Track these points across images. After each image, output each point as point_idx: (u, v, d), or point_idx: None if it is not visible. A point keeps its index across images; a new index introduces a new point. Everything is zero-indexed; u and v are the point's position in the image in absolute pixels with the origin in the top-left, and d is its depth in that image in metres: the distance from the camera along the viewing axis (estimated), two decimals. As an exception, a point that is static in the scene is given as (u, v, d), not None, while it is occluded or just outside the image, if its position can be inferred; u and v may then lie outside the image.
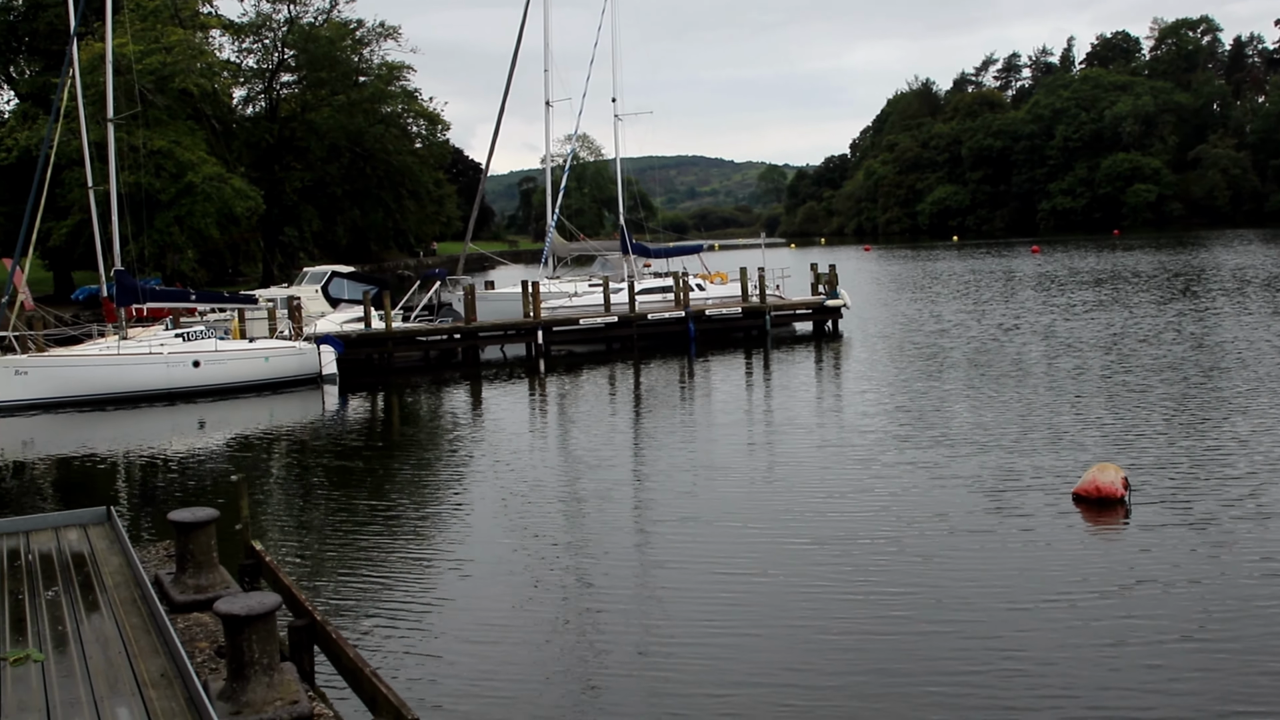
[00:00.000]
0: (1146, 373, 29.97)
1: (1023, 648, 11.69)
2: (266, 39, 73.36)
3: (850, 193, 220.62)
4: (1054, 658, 11.38)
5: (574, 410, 29.87)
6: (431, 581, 14.90)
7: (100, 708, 7.95)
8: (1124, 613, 12.58)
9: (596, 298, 43.85)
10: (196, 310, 39.34)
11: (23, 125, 50.71)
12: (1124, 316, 44.62)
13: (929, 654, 11.64)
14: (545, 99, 51.21)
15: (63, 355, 33.11)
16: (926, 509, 17.18)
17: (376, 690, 8.05)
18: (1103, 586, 13.42)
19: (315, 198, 74.25)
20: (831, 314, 45.60)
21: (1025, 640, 11.90)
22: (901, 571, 14.23)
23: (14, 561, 11.69)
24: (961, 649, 11.75)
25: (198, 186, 49.81)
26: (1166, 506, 16.72)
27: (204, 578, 11.39)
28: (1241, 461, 19.34)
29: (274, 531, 17.75)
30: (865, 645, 11.99)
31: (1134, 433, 22.14)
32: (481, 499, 19.59)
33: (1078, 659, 11.31)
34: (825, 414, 26.90)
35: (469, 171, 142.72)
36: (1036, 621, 12.41)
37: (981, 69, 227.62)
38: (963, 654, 11.61)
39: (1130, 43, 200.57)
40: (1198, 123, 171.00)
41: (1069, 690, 10.63)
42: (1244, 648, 11.49)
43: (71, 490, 22.07)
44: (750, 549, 15.51)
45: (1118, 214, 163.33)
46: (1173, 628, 12.06)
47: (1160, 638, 11.82)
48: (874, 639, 12.15)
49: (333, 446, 25.88)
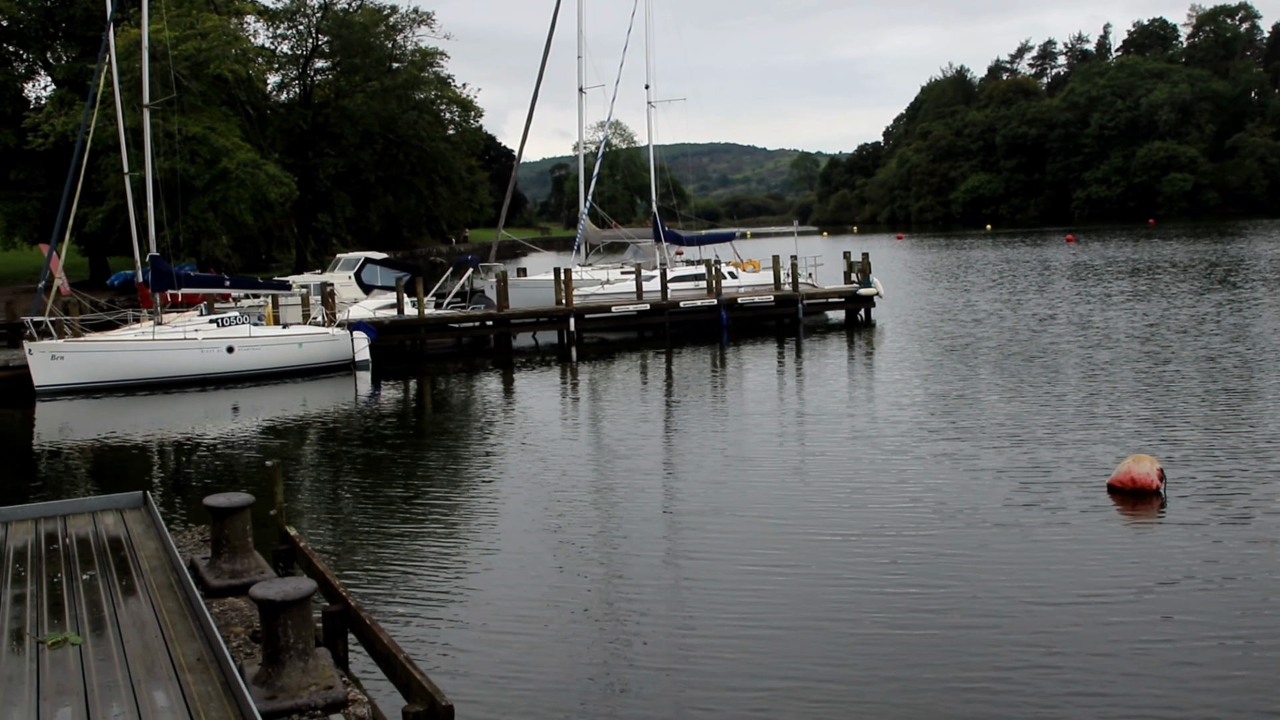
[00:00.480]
0: (1184, 364, 29.72)
1: (1055, 642, 11.60)
2: (301, 25, 73.60)
3: (883, 181, 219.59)
4: (1089, 653, 11.29)
5: (605, 398, 29.88)
6: (461, 569, 14.95)
7: (137, 691, 8.00)
8: (1158, 607, 12.49)
9: (629, 285, 43.82)
10: (230, 296, 39.58)
11: (59, 111, 50.95)
12: (1160, 307, 44.26)
13: (962, 649, 11.56)
14: (579, 85, 51.15)
15: (98, 340, 33.37)
16: (959, 499, 17.10)
17: (410, 677, 8.07)
18: (1138, 581, 13.31)
19: (348, 184, 74.48)
20: (864, 303, 45.40)
21: (1058, 635, 11.80)
22: (934, 565, 14.16)
23: (51, 545, 11.78)
24: (995, 644, 11.68)
25: (232, 172, 50.01)
26: (1202, 498, 16.58)
27: (239, 563, 11.46)
28: (1279, 454, 19.16)
29: (306, 517, 17.85)
30: (897, 640, 11.91)
31: (1170, 424, 21.95)
32: (512, 487, 19.63)
33: (1113, 655, 11.22)
34: (857, 404, 26.78)
35: (501, 158, 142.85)
36: (1070, 615, 12.31)
37: (1017, 56, 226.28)
38: (996, 650, 11.54)
39: (1168, 30, 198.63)
40: (1235, 111, 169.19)
41: (1104, 689, 10.53)
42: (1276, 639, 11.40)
43: (107, 474, 22.26)
44: (780, 542, 15.44)
45: (1153, 203, 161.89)
46: (1209, 623, 11.96)
47: (1196, 634, 11.72)
48: (906, 633, 12.06)
49: (365, 433, 25.98)
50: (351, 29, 71.93)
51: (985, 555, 14.47)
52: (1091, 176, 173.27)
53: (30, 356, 31.48)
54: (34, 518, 12.91)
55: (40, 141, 49.74)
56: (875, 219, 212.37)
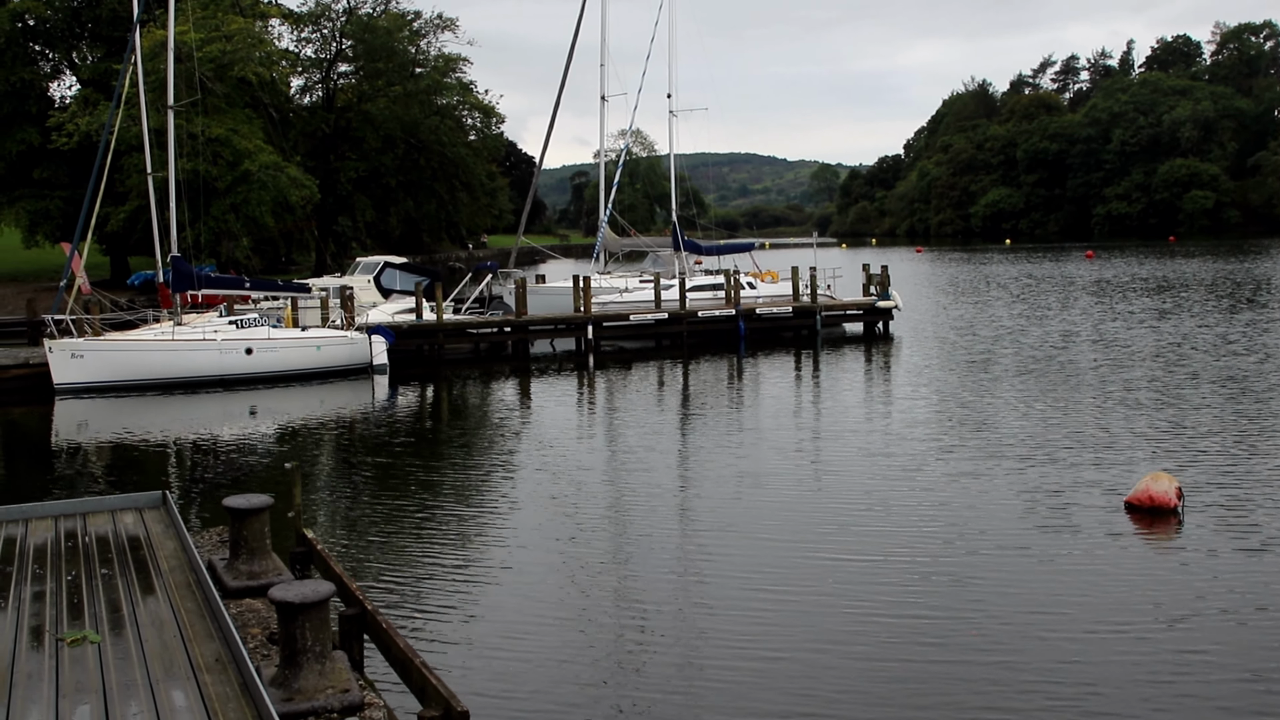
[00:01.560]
0: (1205, 383, 29.59)
1: (1068, 663, 11.55)
2: (325, 29, 73.73)
3: (903, 193, 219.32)
4: (1101, 677, 11.23)
5: (622, 408, 29.88)
6: (476, 575, 14.97)
7: (155, 690, 8.04)
8: (1172, 629, 12.42)
9: (647, 294, 43.84)
10: (250, 298, 39.75)
11: (84, 111, 51.23)
12: (1182, 325, 44.08)
13: (976, 673, 11.49)
14: (601, 94, 51.24)
15: (118, 340, 33.54)
16: (976, 515, 17.06)
17: (426, 681, 8.10)
18: (1152, 599, 13.26)
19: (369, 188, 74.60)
20: (883, 315, 45.35)
21: (1071, 655, 11.75)
22: (948, 584, 14.10)
23: (70, 543, 11.85)
24: (1009, 665, 11.64)
25: (254, 175, 50.16)
26: (1219, 518, 16.50)
27: (257, 564, 11.51)
28: (1299, 475, 19.08)
29: (323, 520, 17.90)
30: (910, 662, 11.85)
31: (1190, 443, 21.86)
32: (527, 496, 19.64)
33: (1131, 679, 11.15)
34: (873, 419, 26.72)
35: (521, 165, 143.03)
36: (1084, 635, 12.27)
37: (1039, 71, 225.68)
38: (1010, 672, 11.49)
39: (1191, 47, 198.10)
40: (1258, 129, 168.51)
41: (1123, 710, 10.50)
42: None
43: (125, 474, 22.35)
44: (793, 561, 15.34)
45: (1174, 220, 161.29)
46: (1221, 644, 11.92)
47: (1209, 657, 11.67)
48: (920, 655, 12.00)
49: (382, 437, 26.04)
50: (375, 33, 72.08)
51: (1000, 574, 14.41)
52: (1112, 193, 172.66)
53: (50, 354, 31.66)
54: (54, 515, 12.99)
55: (64, 141, 50.01)
56: (894, 232, 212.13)
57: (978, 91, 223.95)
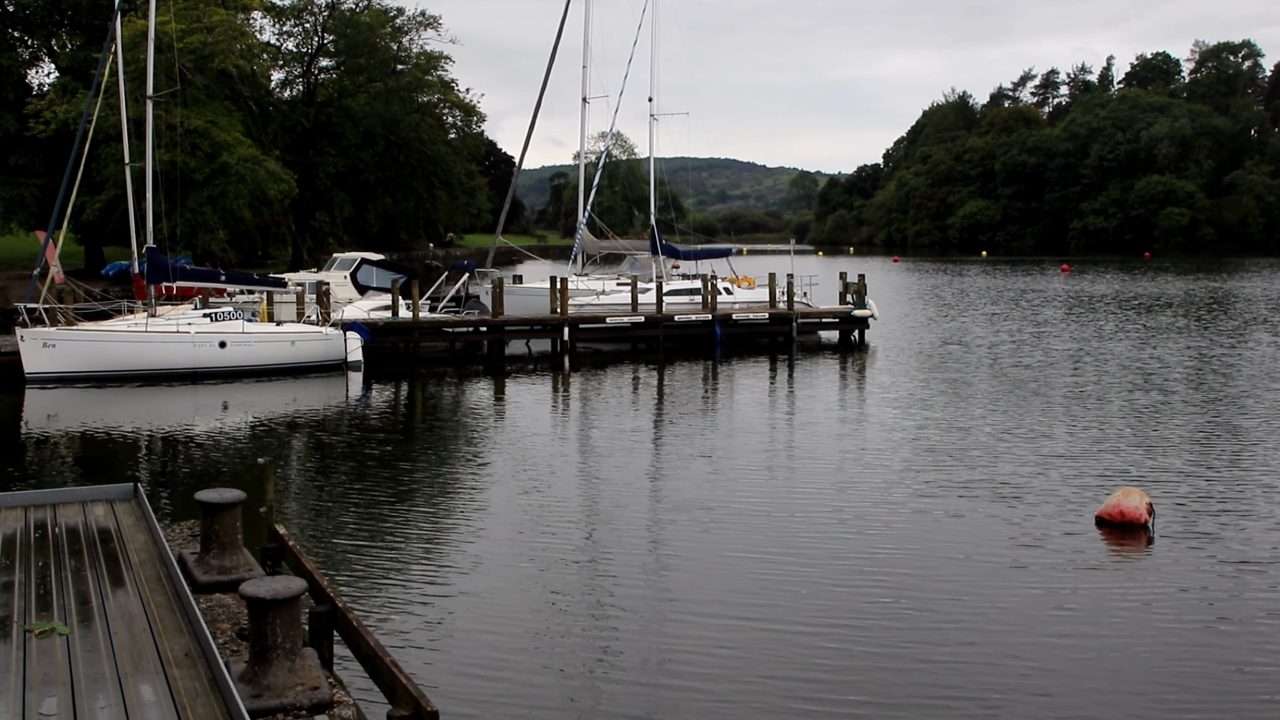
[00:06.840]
0: (1177, 399, 29.80)
1: (1038, 674, 11.63)
2: (307, 23, 73.46)
3: (881, 203, 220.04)
4: (1072, 688, 11.31)
5: (596, 409, 29.88)
6: (448, 573, 14.94)
7: (124, 685, 7.99)
8: (1141, 640, 12.53)
9: (624, 297, 43.87)
10: (225, 291, 39.56)
11: (62, 99, 50.80)
12: (1154, 340, 44.38)
13: (944, 681, 11.58)
14: (583, 95, 51.26)
15: (91, 330, 33.33)
16: (945, 528, 17.14)
17: (395, 680, 8.08)
18: (1123, 613, 13.36)
19: (348, 184, 74.37)
20: (858, 324, 45.48)
21: (1043, 667, 11.83)
22: (917, 597, 14.16)
23: (40, 534, 11.76)
24: (974, 673, 11.71)
25: (232, 167, 49.90)
26: (1189, 533, 16.62)
27: (228, 559, 11.45)
28: (1268, 491, 19.22)
29: (295, 515, 17.83)
30: (877, 667, 11.93)
31: (1162, 459, 22.01)
32: (500, 493, 19.63)
33: (1101, 691, 11.24)
34: (846, 428, 26.77)
35: (500, 164, 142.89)
36: (1054, 648, 12.35)
37: (1019, 84, 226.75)
38: (978, 683, 11.57)
39: (1170, 64, 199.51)
40: (1234, 148, 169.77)
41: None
42: (1261, 680, 11.43)
43: (95, 464, 22.21)
44: (762, 569, 15.37)
45: (1149, 236, 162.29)
46: (1189, 657, 12.03)
47: (1176, 668, 11.78)
48: (888, 662, 12.08)
49: (355, 434, 25.96)
50: (357, 29, 71.88)
51: (968, 587, 14.47)
52: (1089, 207, 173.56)
53: (21, 343, 31.44)
54: (23, 506, 12.88)
55: (41, 128, 49.60)
56: (872, 240, 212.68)
57: (958, 103, 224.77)
